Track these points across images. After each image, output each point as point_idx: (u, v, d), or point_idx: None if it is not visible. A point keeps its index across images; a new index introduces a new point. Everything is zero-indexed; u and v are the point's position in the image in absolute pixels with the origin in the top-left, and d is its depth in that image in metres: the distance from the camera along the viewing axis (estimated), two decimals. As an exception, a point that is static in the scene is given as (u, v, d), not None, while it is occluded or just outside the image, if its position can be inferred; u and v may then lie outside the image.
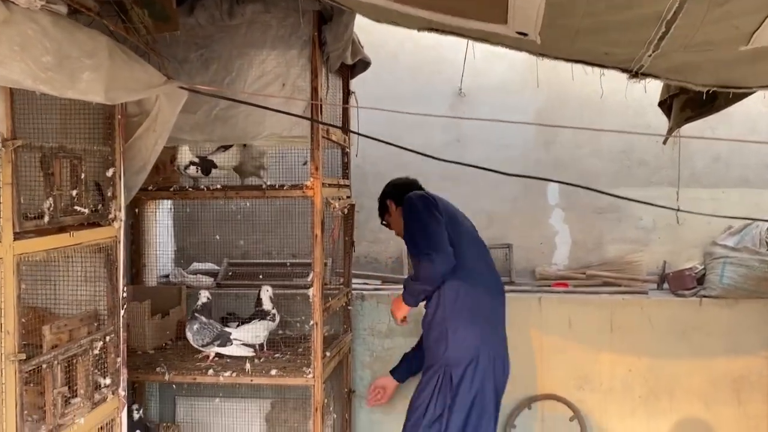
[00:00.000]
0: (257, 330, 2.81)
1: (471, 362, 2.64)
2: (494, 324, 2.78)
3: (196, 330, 2.74)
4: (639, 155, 3.72)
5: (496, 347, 2.75)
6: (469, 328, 2.67)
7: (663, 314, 3.33)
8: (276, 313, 2.98)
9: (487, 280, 2.83)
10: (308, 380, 2.63)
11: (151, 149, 2.14)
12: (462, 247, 2.76)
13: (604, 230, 3.75)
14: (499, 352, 2.76)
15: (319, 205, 2.61)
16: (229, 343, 2.76)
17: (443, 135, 3.84)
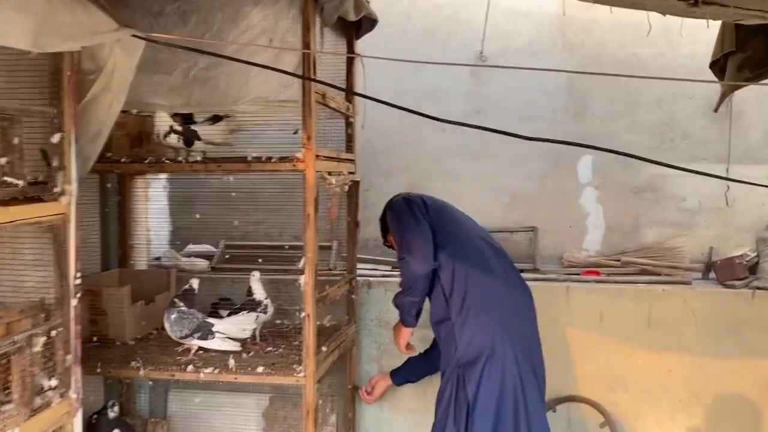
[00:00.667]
0: (244, 322, 2.50)
1: (487, 359, 2.29)
2: (513, 316, 2.41)
3: (174, 320, 2.44)
4: (682, 128, 3.30)
5: (518, 341, 2.37)
6: (480, 322, 2.31)
7: (709, 307, 2.93)
8: (269, 304, 2.67)
9: (497, 271, 2.46)
10: (299, 379, 2.31)
11: (107, 111, 1.82)
12: (460, 240, 2.47)
13: (642, 212, 3.35)
14: (522, 346, 2.37)
15: (312, 180, 2.27)
16: (210, 336, 2.45)
17: (462, 106, 3.46)
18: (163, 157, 2.39)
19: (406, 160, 3.53)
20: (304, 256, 2.31)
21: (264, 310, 2.64)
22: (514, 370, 2.28)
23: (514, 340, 2.33)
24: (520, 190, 3.44)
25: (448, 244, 2.44)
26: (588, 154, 3.36)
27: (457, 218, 2.61)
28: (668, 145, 3.31)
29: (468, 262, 2.40)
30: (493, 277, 2.42)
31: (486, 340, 2.29)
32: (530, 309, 2.50)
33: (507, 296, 2.43)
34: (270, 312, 2.67)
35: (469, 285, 2.37)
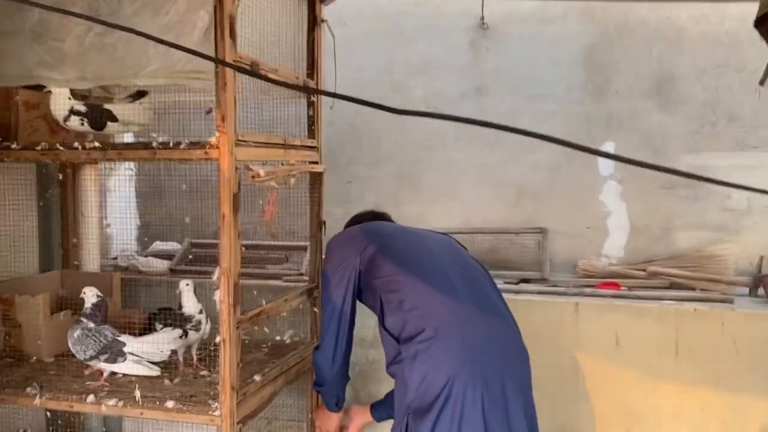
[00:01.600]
0: (161, 342, 2.07)
1: (443, 404, 1.77)
2: (483, 345, 1.87)
3: (77, 338, 2.05)
4: (728, 108, 2.70)
5: (486, 378, 1.82)
6: (434, 355, 1.80)
7: (754, 333, 2.33)
8: (203, 320, 2.24)
9: (462, 295, 1.94)
10: (213, 418, 1.87)
11: None
12: (411, 263, 2.03)
13: (676, 211, 2.77)
14: (495, 383, 1.83)
15: (227, 172, 1.81)
16: (121, 359, 2.04)
17: (460, 82, 2.95)
18: (57, 144, 1.97)
19: (394, 147, 3.06)
20: (219, 266, 1.86)
21: (196, 327, 2.21)
22: (478, 417, 1.76)
23: (480, 377, 1.79)
24: (527, 184, 2.91)
25: (395, 268, 2.00)
26: (609, 140, 2.78)
27: (410, 241, 2.16)
28: (709, 130, 2.70)
29: (420, 286, 1.92)
30: (456, 302, 1.90)
31: (440, 378, 1.78)
32: (510, 338, 1.96)
33: (474, 323, 1.89)
34: (205, 329, 2.25)
35: (420, 312, 1.87)
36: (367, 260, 2.07)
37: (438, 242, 2.16)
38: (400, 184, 3.03)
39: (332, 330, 2.12)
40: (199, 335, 2.24)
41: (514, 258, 2.84)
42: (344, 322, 2.13)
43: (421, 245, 2.11)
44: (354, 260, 2.10)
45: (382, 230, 2.19)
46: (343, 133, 3.08)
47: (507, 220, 2.89)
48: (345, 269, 2.11)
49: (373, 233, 2.16)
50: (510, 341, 1.95)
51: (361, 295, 2.16)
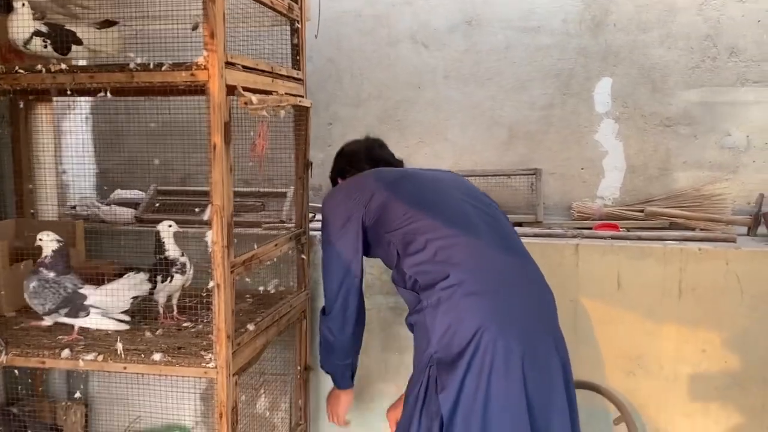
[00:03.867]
0: (119, 291, 1.86)
1: (472, 356, 1.63)
2: (511, 290, 1.73)
3: (33, 290, 1.84)
4: (730, 40, 2.60)
5: (516, 319, 1.68)
6: (460, 303, 1.65)
7: (757, 272, 2.27)
8: (187, 263, 2.05)
9: (485, 237, 1.78)
10: (208, 371, 1.70)
11: None
12: (429, 203, 1.83)
13: (674, 150, 2.70)
14: (527, 331, 1.69)
15: (218, 96, 1.60)
16: (83, 313, 1.83)
17: (449, 14, 2.75)
18: (15, 67, 1.70)
19: (379, 85, 2.87)
20: (210, 203, 1.66)
21: (181, 270, 2.02)
22: (512, 369, 1.61)
23: (509, 325, 1.65)
24: (520, 123, 2.77)
25: (408, 216, 1.79)
26: (606, 75, 2.65)
27: (420, 183, 1.93)
28: (710, 64, 2.61)
29: (440, 230, 1.75)
30: (481, 244, 1.75)
31: (468, 327, 1.63)
32: (536, 278, 1.83)
33: (501, 266, 1.75)
34: (188, 272, 2.06)
35: (443, 256, 1.71)
36: (373, 214, 1.85)
37: (450, 182, 1.97)
38: (385, 126, 2.85)
39: (342, 296, 1.93)
40: (183, 280, 2.06)
41: (506, 201, 2.71)
42: (353, 287, 1.92)
43: (432, 187, 1.91)
44: (357, 217, 1.88)
45: (384, 177, 1.95)
46: (322, 70, 2.87)
47: (499, 161, 2.76)
48: (349, 230, 1.89)
49: (375, 183, 1.93)
50: (536, 282, 1.82)
51: (368, 251, 1.94)
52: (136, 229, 2.74)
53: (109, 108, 2.97)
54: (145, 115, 2.79)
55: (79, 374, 2.75)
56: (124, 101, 2.72)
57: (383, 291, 2.46)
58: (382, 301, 2.47)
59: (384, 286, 2.45)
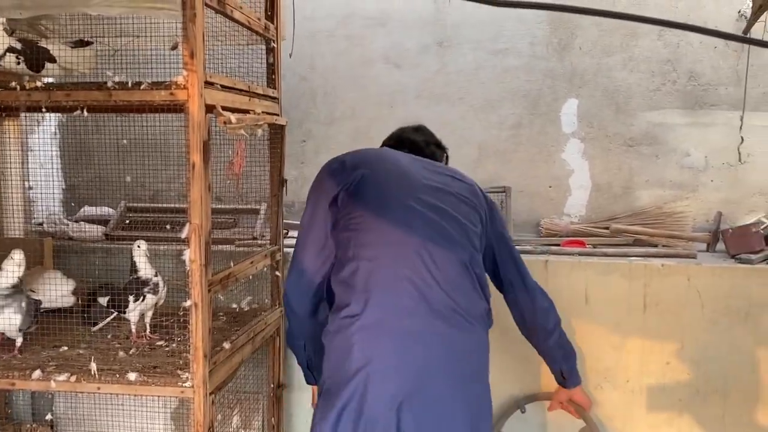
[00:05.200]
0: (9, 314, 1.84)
1: (351, 393, 1.58)
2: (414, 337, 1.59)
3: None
4: (689, 66, 2.73)
5: (407, 369, 1.58)
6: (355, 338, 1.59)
7: (717, 287, 2.38)
8: (160, 282, 2.05)
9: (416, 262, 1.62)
10: (184, 390, 1.69)
11: None
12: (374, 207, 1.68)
13: (637, 170, 2.81)
14: (415, 377, 1.58)
15: (197, 116, 1.61)
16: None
17: (421, 36, 2.82)
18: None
19: (352, 104, 2.91)
20: (189, 222, 1.66)
21: (153, 290, 2.02)
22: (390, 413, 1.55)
23: (400, 369, 1.56)
24: (489, 142, 2.85)
25: (363, 210, 1.67)
26: (572, 97, 2.75)
27: (385, 175, 1.75)
28: (670, 88, 2.72)
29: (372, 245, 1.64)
30: (402, 274, 1.60)
31: (355, 362, 1.56)
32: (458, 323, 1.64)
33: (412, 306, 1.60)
34: (162, 293, 2.05)
35: (359, 277, 1.62)
36: (344, 195, 1.69)
37: (416, 178, 1.77)
38: (358, 143, 2.86)
39: (298, 253, 1.75)
40: (155, 299, 2.06)
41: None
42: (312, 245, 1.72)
43: (395, 183, 1.71)
44: (331, 187, 1.71)
45: (369, 157, 1.78)
46: (296, 89, 2.90)
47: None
48: (320, 193, 1.73)
49: (360, 160, 1.75)
50: (457, 326, 1.62)
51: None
52: (105, 246, 2.71)
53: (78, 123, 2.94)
54: (114, 131, 2.79)
55: (45, 395, 2.70)
56: (93, 117, 2.71)
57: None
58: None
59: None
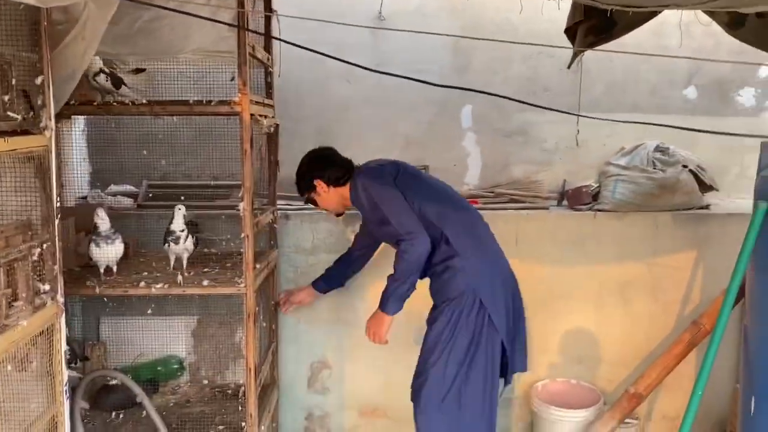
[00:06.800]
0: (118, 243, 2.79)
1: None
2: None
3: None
4: (543, 82, 3.99)
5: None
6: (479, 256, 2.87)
7: (562, 227, 3.62)
8: (182, 236, 2.87)
9: (474, 213, 3.00)
10: (240, 290, 2.75)
11: (80, 58, 2.13)
12: (441, 195, 2.94)
13: (512, 152, 4.03)
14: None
15: (248, 121, 2.67)
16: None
17: (365, 59, 3.90)
18: (112, 100, 2.68)
19: (315, 108, 3.97)
20: (243, 186, 2.72)
21: (175, 240, 2.84)
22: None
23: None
24: (413, 134, 4.00)
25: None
26: (468, 103, 3.98)
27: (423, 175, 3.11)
28: (532, 98, 3.97)
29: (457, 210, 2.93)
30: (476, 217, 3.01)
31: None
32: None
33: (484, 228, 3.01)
34: (185, 244, 2.87)
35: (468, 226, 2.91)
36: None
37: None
38: (321, 136, 3.97)
39: (415, 218, 2.76)
40: (180, 247, 2.87)
41: (405, 188, 3.95)
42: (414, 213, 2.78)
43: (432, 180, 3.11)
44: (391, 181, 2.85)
45: (396, 166, 3.01)
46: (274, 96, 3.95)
47: (400, 159, 3.95)
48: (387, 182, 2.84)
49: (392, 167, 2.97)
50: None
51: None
52: (137, 213, 3.65)
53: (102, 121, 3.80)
54: (128, 128, 3.71)
55: (91, 322, 3.60)
56: (114, 118, 3.61)
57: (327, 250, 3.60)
58: (325, 257, 3.60)
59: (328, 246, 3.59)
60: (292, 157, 3.88)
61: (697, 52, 3.81)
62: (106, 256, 2.81)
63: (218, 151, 3.67)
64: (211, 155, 3.77)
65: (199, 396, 3.48)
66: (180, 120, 3.62)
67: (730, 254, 3.46)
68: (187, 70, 3.21)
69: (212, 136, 3.64)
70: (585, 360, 3.70)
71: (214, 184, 3.90)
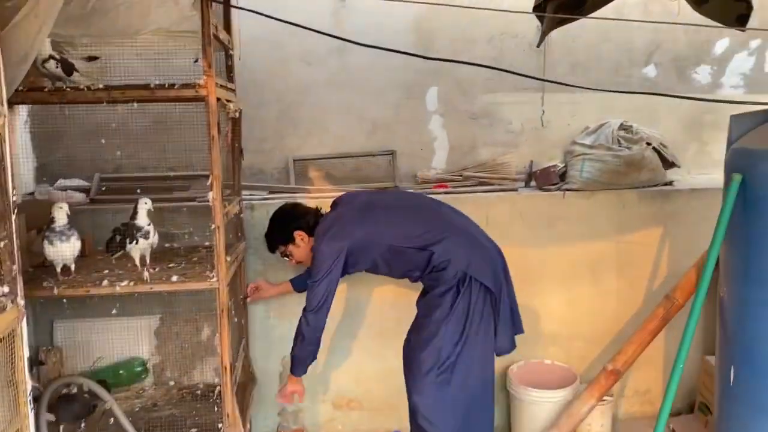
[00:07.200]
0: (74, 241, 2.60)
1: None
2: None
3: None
4: (509, 62, 3.95)
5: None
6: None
7: (532, 207, 3.62)
8: (151, 230, 2.70)
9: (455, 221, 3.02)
10: (212, 284, 2.61)
11: (34, 38, 1.94)
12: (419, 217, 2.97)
13: (478, 135, 3.99)
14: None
15: (214, 105, 2.52)
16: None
17: (326, 42, 3.79)
18: (64, 85, 2.48)
19: (276, 92, 3.83)
20: (210, 174, 2.57)
21: (145, 236, 2.66)
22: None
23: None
24: (379, 118, 3.91)
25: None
26: (434, 86, 3.91)
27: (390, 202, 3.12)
28: (498, 78, 3.94)
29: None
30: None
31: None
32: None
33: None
34: (153, 238, 2.71)
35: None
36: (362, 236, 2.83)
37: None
38: (281, 122, 3.84)
39: (330, 299, 2.78)
40: (148, 242, 2.69)
41: (372, 174, 3.86)
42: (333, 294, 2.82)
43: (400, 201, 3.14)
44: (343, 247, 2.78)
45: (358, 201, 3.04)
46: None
47: (366, 145, 3.87)
48: (335, 255, 2.77)
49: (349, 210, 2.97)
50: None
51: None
52: (90, 208, 3.44)
53: (46, 112, 3.55)
54: (79, 118, 3.48)
55: (45, 326, 3.37)
56: (61, 107, 3.38)
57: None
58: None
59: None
60: (255, 145, 3.80)
61: (656, 29, 3.86)
62: (62, 254, 2.62)
63: (174, 141, 3.49)
64: (166, 145, 3.59)
65: (166, 399, 3.31)
66: (132, 109, 3.41)
67: (694, 229, 3.57)
68: (144, 54, 3.01)
69: (168, 126, 3.46)
70: (558, 340, 3.72)
71: (174, 175, 3.71)
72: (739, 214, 2.49)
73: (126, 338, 3.45)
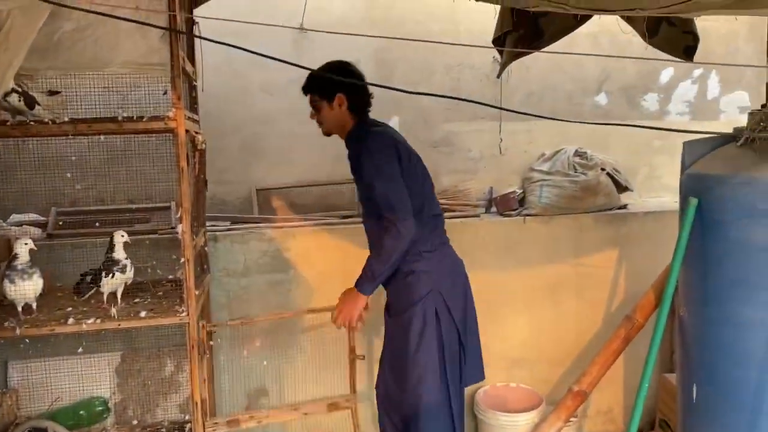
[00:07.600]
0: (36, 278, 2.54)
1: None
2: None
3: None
4: (467, 92, 4.06)
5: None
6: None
7: (493, 233, 3.70)
8: (128, 264, 2.68)
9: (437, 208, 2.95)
10: (182, 318, 2.56)
11: (5, 68, 1.90)
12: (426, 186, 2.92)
13: (439, 162, 4.06)
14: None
15: (183, 137, 2.50)
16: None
17: (286, 73, 3.81)
18: (27, 119, 2.41)
19: (238, 122, 3.82)
20: (180, 206, 2.54)
21: (122, 270, 2.65)
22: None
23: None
24: (343, 148, 3.91)
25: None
26: (395, 115, 3.98)
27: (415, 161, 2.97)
28: (456, 107, 4.05)
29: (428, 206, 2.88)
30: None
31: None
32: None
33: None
34: (129, 273, 2.69)
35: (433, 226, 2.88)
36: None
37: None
38: (244, 153, 3.82)
39: (406, 198, 2.62)
40: (124, 277, 2.67)
41: (337, 202, 3.87)
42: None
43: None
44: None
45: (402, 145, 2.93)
46: (192, 111, 3.75)
47: (331, 174, 3.89)
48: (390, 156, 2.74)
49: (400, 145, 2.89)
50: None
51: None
52: (49, 243, 3.33)
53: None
54: (34, 151, 3.39)
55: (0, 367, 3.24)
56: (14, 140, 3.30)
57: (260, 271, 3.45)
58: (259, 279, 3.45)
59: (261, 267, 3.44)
60: (217, 176, 3.76)
61: (606, 60, 4.04)
62: (23, 293, 2.53)
63: (133, 173, 3.45)
64: (125, 177, 3.53)
65: (129, 438, 3.21)
66: (89, 141, 3.37)
67: (650, 251, 3.71)
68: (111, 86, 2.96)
69: (126, 157, 3.41)
70: (522, 363, 3.78)
71: (135, 207, 3.64)
72: (696, 237, 2.61)
73: (86, 377, 3.34)
